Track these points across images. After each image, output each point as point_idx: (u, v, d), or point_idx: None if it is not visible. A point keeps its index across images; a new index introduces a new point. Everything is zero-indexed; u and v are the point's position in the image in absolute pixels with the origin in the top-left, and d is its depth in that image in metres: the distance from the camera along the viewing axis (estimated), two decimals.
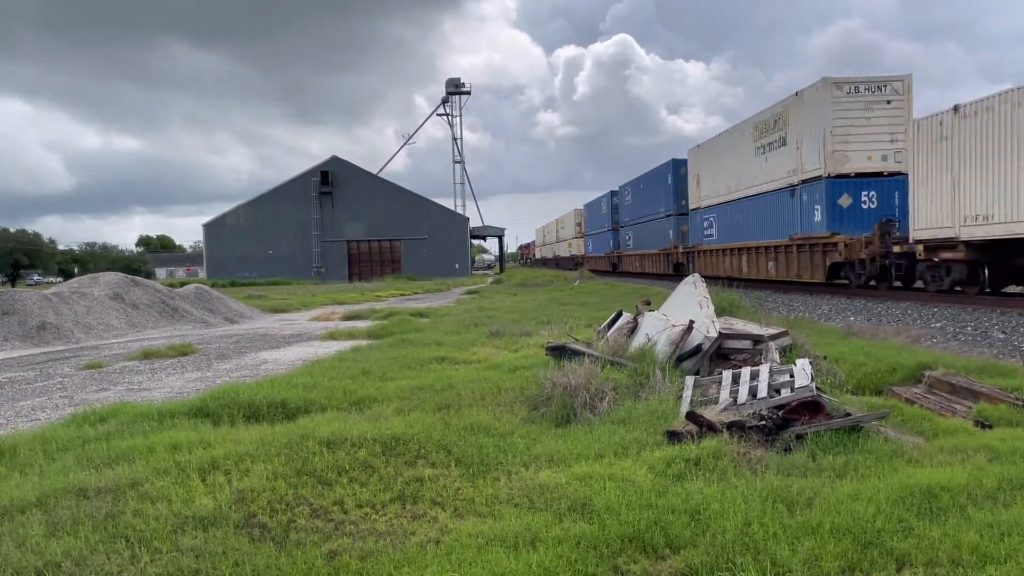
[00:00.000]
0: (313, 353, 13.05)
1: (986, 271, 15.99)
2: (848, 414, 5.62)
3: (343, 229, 65.76)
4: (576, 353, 8.23)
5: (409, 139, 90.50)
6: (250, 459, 5.16)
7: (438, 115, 78.23)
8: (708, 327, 8.34)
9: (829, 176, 20.35)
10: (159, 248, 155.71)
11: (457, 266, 65.61)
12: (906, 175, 18.11)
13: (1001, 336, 11.97)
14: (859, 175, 20.30)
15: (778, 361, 7.67)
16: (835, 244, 20.24)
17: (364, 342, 14.12)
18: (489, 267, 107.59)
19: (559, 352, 8.51)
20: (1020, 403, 6.51)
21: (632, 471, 4.82)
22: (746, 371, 6.71)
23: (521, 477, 4.90)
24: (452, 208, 71.73)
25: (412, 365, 9.88)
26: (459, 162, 76.93)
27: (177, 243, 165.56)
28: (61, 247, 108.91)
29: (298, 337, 16.74)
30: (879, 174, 20.24)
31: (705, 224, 30.03)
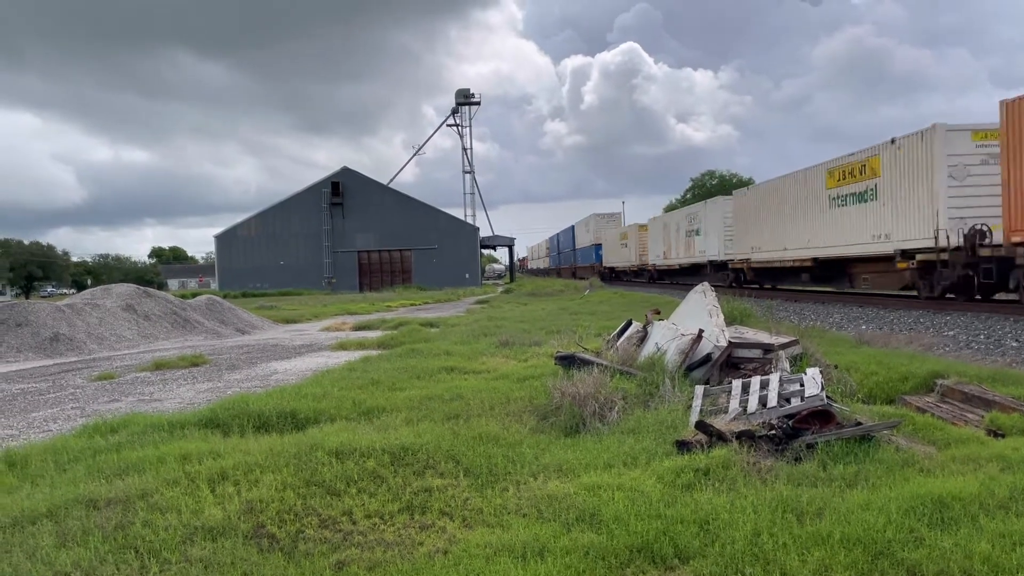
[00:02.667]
0: (323, 363, 13.09)
1: None
2: (859, 423, 5.58)
3: (354, 239, 66.02)
4: (585, 363, 8.22)
5: (419, 150, 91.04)
6: (259, 469, 5.17)
7: (448, 125, 78.59)
8: (718, 336, 8.32)
9: (595, 243, 60.51)
10: (171, 259, 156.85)
11: (467, 276, 65.70)
12: (600, 245, 60.51)
13: (1015, 344, 11.87)
14: (595, 244, 60.78)
15: (788, 370, 7.64)
16: (596, 268, 58.45)
17: (374, 352, 14.14)
18: (499, 276, 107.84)
19: (568, 362, 8.50)
20: None
21: (641, 481, 4.80)
22: (756, 380, 6.68)
23: (530, 487, 4.90)
24: (462, 218, 71.94)
25: (421, 375, 9.89)
26: (469, 172, 77.19)
27: (189, 254, 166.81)
28: (74, 259, 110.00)
29: (308, 347, 16.80)
30: (601, 244, 59.26)
31: (580, 255, 68.48)
